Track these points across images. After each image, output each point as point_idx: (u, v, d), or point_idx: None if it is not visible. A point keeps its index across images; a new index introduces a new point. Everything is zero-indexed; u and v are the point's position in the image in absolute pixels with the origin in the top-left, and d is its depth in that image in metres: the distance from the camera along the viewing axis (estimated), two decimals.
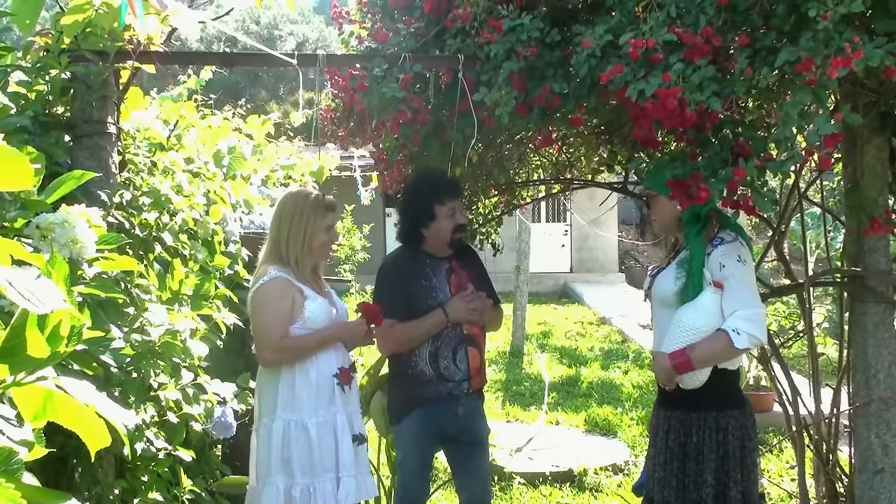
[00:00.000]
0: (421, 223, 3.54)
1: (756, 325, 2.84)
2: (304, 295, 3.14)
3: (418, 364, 3.50)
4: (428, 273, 3.55)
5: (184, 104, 4.30)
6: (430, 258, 3.58)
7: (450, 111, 3.24)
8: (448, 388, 3.48)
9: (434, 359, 3.49)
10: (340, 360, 3.22)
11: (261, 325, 3.10)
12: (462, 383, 3.50)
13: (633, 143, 3.50)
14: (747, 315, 2.84)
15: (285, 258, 3.18)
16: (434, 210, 3.51)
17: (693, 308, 2.91)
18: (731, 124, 2.58)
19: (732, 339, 2.81)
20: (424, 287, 3.52)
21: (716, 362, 2.93)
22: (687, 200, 2.68)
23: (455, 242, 3.57)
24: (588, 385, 9.13)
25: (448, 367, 3.49)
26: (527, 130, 3.70)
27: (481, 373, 3.62)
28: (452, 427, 3.53)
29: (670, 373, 2.94)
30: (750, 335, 2.82)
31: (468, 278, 3.60)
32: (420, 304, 3.49)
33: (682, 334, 2.91)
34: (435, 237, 3.55)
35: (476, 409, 3.62)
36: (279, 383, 3.12)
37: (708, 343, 2.87)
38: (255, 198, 4.42)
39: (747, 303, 2.86)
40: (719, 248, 2.94)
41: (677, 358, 2.90)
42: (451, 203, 3.52)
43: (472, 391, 3.56)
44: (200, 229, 3.68)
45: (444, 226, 3.52)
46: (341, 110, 3.63)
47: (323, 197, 3.28)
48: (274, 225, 3.24)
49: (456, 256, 3.63)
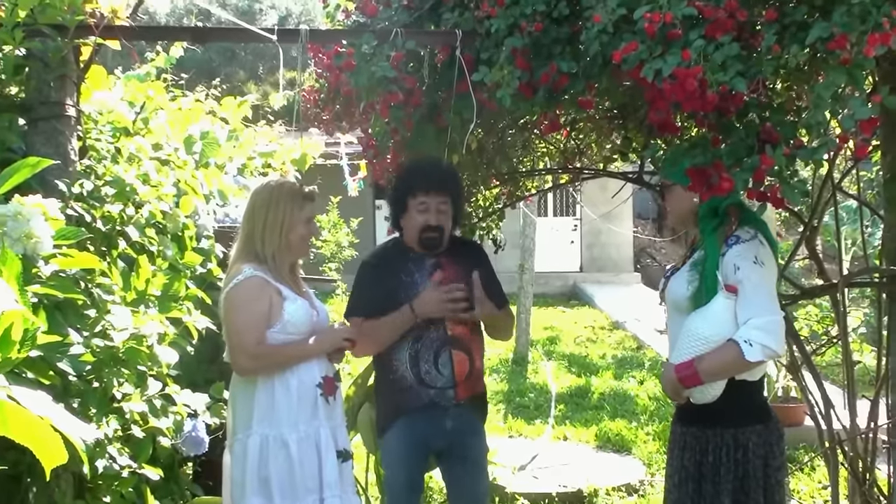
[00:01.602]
0: (399, 215, 3.55)
1: (771, 334, 2.80)
2: (282, 295, 3.14)
3: (398, 368, 3.49)
4: (409, 268, 3.53)
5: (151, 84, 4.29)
6: (414, 252, 3.57)
7: (446, 92, 3.24)
8: (430, 396, 3.45)
9: (414, 362, 3.46)
10: (324, 369, 3.21)
11: (235, 329, 3.10)
12: (446, 391, 3.46)
13: (648, 128, 3.50)
14: (761, 324, 2.80)
15: (261, 255, 3.17)
16: (406, 203, 3.50)
17: (703, 315, 2.89)
18: (758, 108, 2.58)
19: (743, 351, 2.78)
20: (403, 283, 3.50)
21: (726, 376, 2.91)
22: (708, 192, 2.67)
23: (424, 244, 3.51)
24: (599, 396, 9.14)
25: (429, 371, 3.46)
26: (531, 114, 3.70)
27: (472, 380, 3.55)
28: (440, 441, 3.50)
29: (677, 386, 2.93)
30: (764, 346, 2.78)
31: (457, 275, 3.55)
32: (395, 301, 3.46)
33: (690, 344, 2.90)
34: (408, 233, 3.54)
35: (469, 423, 3.56)
36: (255, 394, 3.12)
37: (717, 355, 2.84)
38: (230, 188, 4.42)
39: (762, 310, 2.82)
40: (734, 247, 2.91)
41: (684, 370, 2.89)
42: (423, 198, 3.46)
43: (464, 402, 3.51)
44: (169, 223, 3.68)
45: (411, 222, 3.50)
46: (326, 91, 3.63)
47: (300, 185, 3.28)
48: (247, 218, 3.23)
49: (449, 251, 3.59)
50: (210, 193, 4.23)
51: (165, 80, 4.72)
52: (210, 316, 3.65)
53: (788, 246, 4.48)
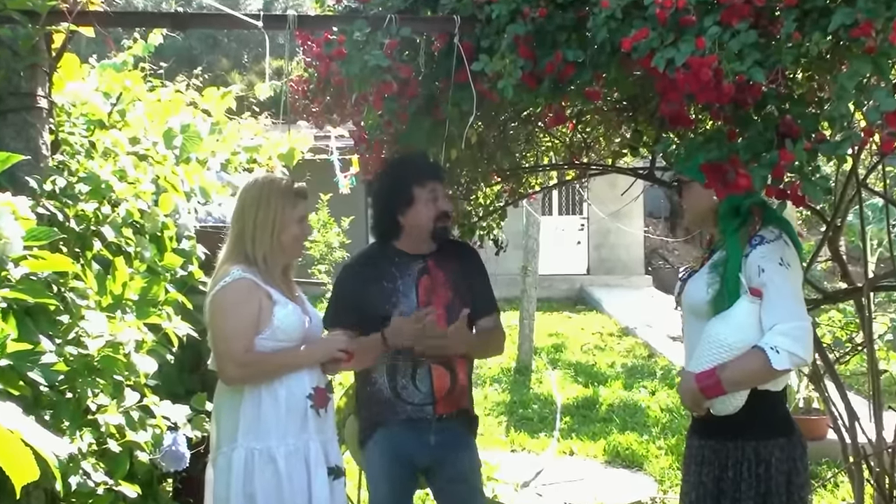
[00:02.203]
0: (397, 209, 3.52)
1: (799, 341, 2.80)
2: (272, 300, 3.14)
3: (377, 380, 3.51)
4: (393, 273, 3.53)
5: (128, 74, 4.29)
6: (400, 256, 3.56)
7: (444, 83, 3.24)
8: (407, 412, 3.46)
9: (392, 375, 3.48)
10: (315, 379, 3.21)
11: (221, 335, 3.10)
12: (424, 407, 3.47)
13: (660, 121, 3.51)
14: (788, 329, 2.79)
15: (251, 256, 3.18)
16: (412, 193, 3.49)
17: (725, 320, 2.88)
18: (777, 99, 2.58)
19: (770, 359, 2.77)
20: (385, 290, 3.50)
21: (750, 385, 2.90)
22: (724, 189, 2.68)
23: (439, 233, 3.55)
24: (608, 408, 9.14)
25: (406, 386, 3.47)
26: (535, 106, 3.70)
27: (454, 397, 3.54)
28: (424, 458, 3.49)
29: (697, 396, 2.92)
30: (791, 354, 2.77)
31: (445, 281, 3.56)
32: (375, 310, 3.46)
33: (712, 351, 2.89)
34: (414, 227, 3.53)
35: (456, 438, 3.55)
36: (241, 405, 3.11)
37: (741, 363, 2.83)
38: (212, 185, 4.42)
39: (789, 315, 2.82)
40: (759, 248, 2.90)
41: (705, 380, 2.88)
42: (432, 184, 3.50)
43: (449, 416, 3.51)
44: (148, 222, 3.67)
45: (424, 212, 3.50)
46: (315, 82, 3.63)
47: (293, 183, 3.28)
48: (236, 217, 3.24)
49: (436, 254, 3.59)
50: (191, 191, 4.23)
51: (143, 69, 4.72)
52: (191, 322, 3.65)
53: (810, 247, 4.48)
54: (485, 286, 3.70)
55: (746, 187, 2.61)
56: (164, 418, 3.33)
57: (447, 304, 3.54)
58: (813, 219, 7.62)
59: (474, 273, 3.70)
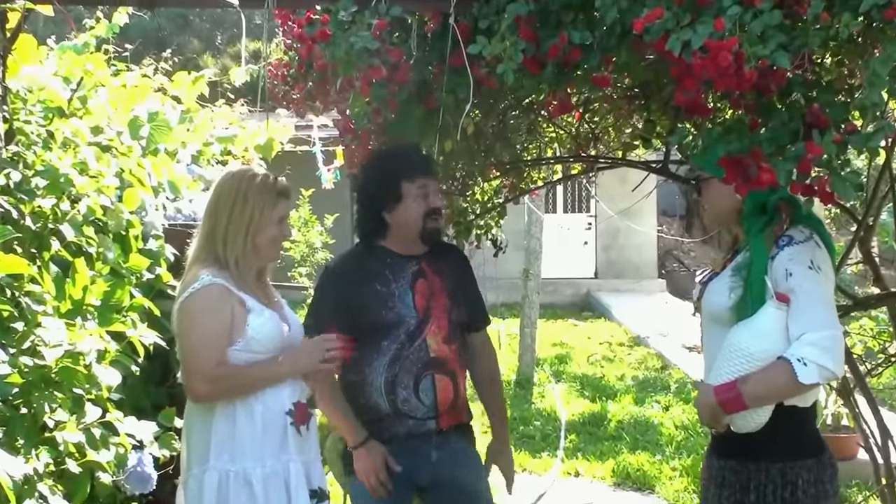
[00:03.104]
0: (384, 206, 3.54)
1: (829, 353, 2.77)
2: (246, 307, 3.14)
3: (371, 395, 3.50)
4: (386, 276, 3.54)
5: (90, 57, 4.28)
6: (391, 256, 3.58)
7: (438, 67, 3.25)
8: (408, 427, 3.48)
9: (391, 388, 3.47)
10: (295, 393, 3.21)
11: (190, 346, 3.09)
12: (427, 421, 3.50)
13: (675, 109, 3.50)
14: (817, 339, 2.77)
15: (222, 259, 3.17)
16: (401, 188, 3.51)
17: (748, 328, 2.88)
18: (803, 86, 2.59)
19: (796, 372, 2.75)
20: (379, 294, 3.51)
21: (775, 400, 2.89)
22: (745, 185, 2.68)
23: (429, 233, 3.56)
24: (617, 425, 9.15)
25: (408, 399, 3.47)
26: (538, 93, 3.70)
27: (456, 409, 3.59)
28: (425, 475, 3.51)
29: (716, 411, 2.91)
30: (820, 367, 2.75)
31: (443, 286, 3.59)
32: (370, 315, 3.48)
33: (733, 362, 2.88)
34: (402, 226, 3.55)
35: (459, 452, 3.59)
36: (213, 422, 3.11)
37: (765, 375, 2.82)
38: (183, 179, 4.42)
39: (819, 323, 2.80)
40: (787, 249, 2.91)
41: (725, 393, 2.86)
42: (423, 179, 3.52)
43: (451, 428, 3.55)
44: (111, 220, 3.67)
45: (413, 209, 3.52)
46: (296, 66, 3.63)
47: (273, 179, 3.28)
48: (208, 215, 3.24)
49: (429, 256, 3.62)
50: (159, 185, 4.23)
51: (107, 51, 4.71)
52: (159, 330, 3.65)
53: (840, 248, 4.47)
54: (477, 293, 3.77)
55: (770, 183, 2.61)
56: (129, 436, 3.33)
57: (447, 310, 3.57)
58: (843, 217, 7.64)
59: (466, 278, 3.75)
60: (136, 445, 3.39)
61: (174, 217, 4.35)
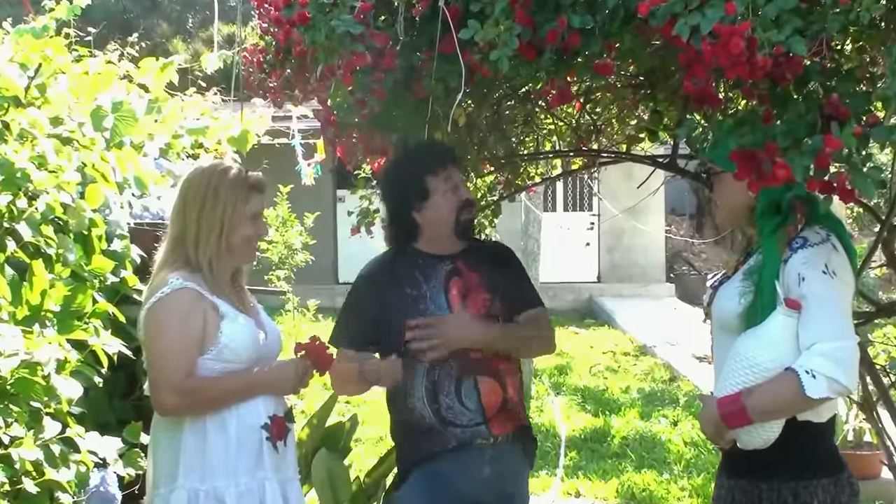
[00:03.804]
0: (412, 206, 3.57)
1: (840, 365, 2.75)
2: (219, 313, 3.14)
3: (415, 406, 3.50)
4: (417, 278, 3.57)
5: (50, 42, 4.28)
6: (423, 258, 3.61)
7: (427, 54, 3.25)
8: (457, 437, 3.47)
9: (433, 397, 3.48)
10: (271, 406, 3.21)
11: (158, 355, 3.09)
12: (477, 428, 3.48)
13: (683, 100, 3.52)
14: (829, 350, 2.76)
15: (194, 261, 3.18)
16: (426, 184, 3.53)
17: (756, 336, 2.87)
18: (821, 75, 2.60)
19: (803, 384, 2.73)
20: (409, 297, 3.53)
21: (782, 415, 2.88)
22: (758, 181, 2.68)
23: (463, 226, 3.60)
24: (621, 441, 9.16)
25: (451, 406, 3.47)
26: (535, 82, 3.71)
27: (508, 412, 3.59)
28: (473, 494, 3.50)
29: (719, 425, 2.91)
30: (830, 380, 2.73)
31: (480, 283, 3.60)
32: (399, 321, 3.49)
33: (739, 373, 2.87)
34: (434, 224, 3.58)
35: (512, 468, 3.61)
36: (182, 438, 3.11)
37: (770, 388, 2.81)
38: (150, 174, 4.41)
39: (831, 332, 2.79)
40: (800, 252, 2.90)
41: (728, 406, 2.86)
42: (448, 171, 3.56)
43: (506, 438, 3.55)
44: (72, 218, 3.67)
45: (443, 203, 3.55)
46: (273, 51, 3.63)
47: (244, 172, 3.28)
48: (176, 214, 3.24)
49: (465, 254, 3.64)
50: (124, 181, 4.22)
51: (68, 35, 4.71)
52: (124, 338, 3.64)
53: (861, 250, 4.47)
54: (524, 281, 3.78)
55: (785, 179, 2.60)
56: (91, 453, 3.32)
57: (485, 308, 3.58)
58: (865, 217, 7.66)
59: (514, 274, 3.76)
60: (98, 463, 3.38)
61: (141, 215, 4.35)
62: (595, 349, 14.43)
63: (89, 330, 3.46)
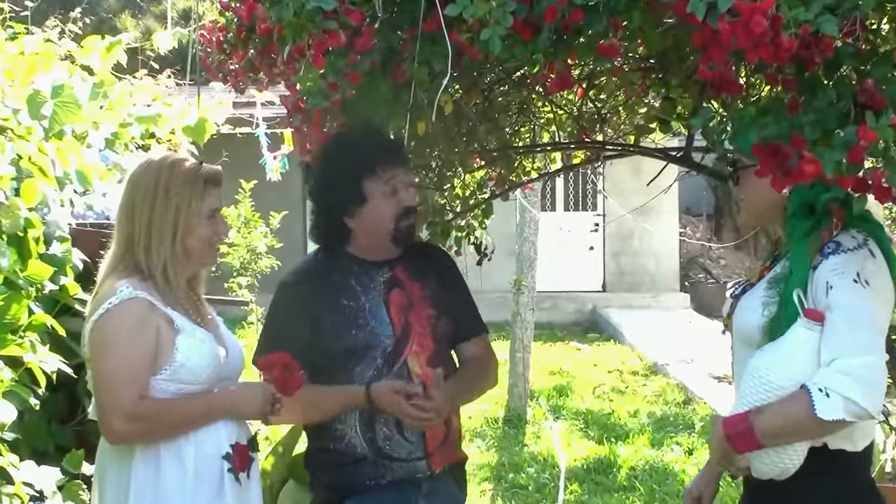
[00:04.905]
0: (344, 210, 3.54)
1: (861, 384, 2.70)
2: (175, 327, 3.13)
3: (344, 433, 3.49)
4: (353, 288, 3.55)
5: None
6: (358, 264, 3.59)
7: (408, 33, 3.26)
8: (393, 471, 3.47)
9: (368, 425, 3.46)
10: (233, 433, 3.21)
11: (106, 375, 3.08)
12: (416, 463, 3.49)
13: (699, 85, 3.54)
14: (849, 367, 2.71)
15: (144, 267, 3.17)
16: (363, 188, 3.50)
17: (774, 351, 2.85)
18: (854, 58, 2.61)
19: (814, 404, 2.68)
20: (347, 310, 3.52)
21: (795, 439, 2.84)
22: (782, 179, 2.69)
23: (402, 236, 3.55)
24: (629, 472, 9.17)
25: (390, 437, 3.46)
26: (532, 65, 3.73)
27: (448, 447, 3.60)
28: None
29: (727, 450, 2.90)
30: (846, 400, 2.67)
31: (423, 295, 3.60)
32: (338, 337, 3.49)
33: (751, 391, 2.86)
34: (368, 232, 3.55)
35: (449, 500, 3.63)
36: (133, 468, 3.11)
37: (780, 407, 2.78)
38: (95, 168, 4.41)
39: (855, 347, 2.74)
40: (832, 258, 2.87)
41: (734, 426, 2.85)
42: (391, 172, 3.52)
43: (445, 470, 3.56)
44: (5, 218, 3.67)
45: (380, 212, 3.51)
46: (235, 30, 3.64)
47: (198, 165, 3.28)
48: (124, 215, 3.23)
49: (403, 260, 3.63)
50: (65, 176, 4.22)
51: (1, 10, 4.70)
52: (64, 354, 3.64)
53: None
54: (468, 300, 3.77)
55: (814, 175, 2.60)
56: (27, 485, 3.32)
57: (430, 324, 3.58)
58: None
59: (453, 283, 3.76)
60: (34, 496, 3.39)
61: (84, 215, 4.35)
62: (599, 367, 14.44)
63: (24, 345, 3.46)
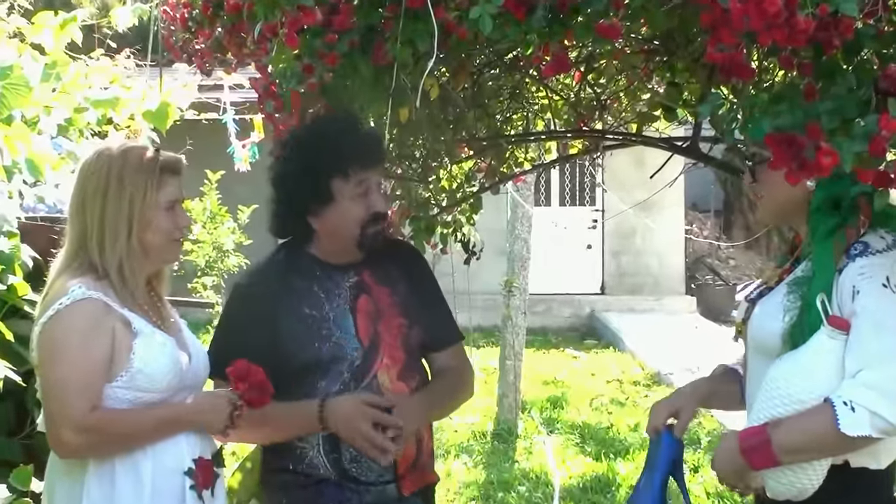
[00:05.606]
0: (308, 208, 3.52)
1: (889, 398, 2.70)
2: (132, 329, 3.13)
3: (305, 453, 3.50)
4: (317, 294, 3.55)
5: None
6: (321, 268, 3.59)
7: (391, 10, 3.26)
8: (360, 496, 3.47)
9: (332, 445, 3.46)
10: (196, 447, 3.21)
11: (57, 383, 3.08)
12: (385, 487, 3.50)
13: (707, 69, 3.54)
14: (876, 380, 2.71)
15: (98, 265, 3.16)
16: (331, 188, 3.48)
17: (793, 361, 2.84)
18: (875, 41, 2.62)
19: (838, 418, 2.68)
20: (309, 320, 3.51)
21: (816, 455, 2.84)
22: (798, 172, 2.69)
23: (368, 242, 3.54)
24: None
25: (356, 458, 3.45)
26: (525, 46, 3.73)
27: (421, 467, 3.61)
28: None
29: (740, 465, 2.89)
30: (873, 415, 2.68)
31: (392, 301, 3.61)
32: (301, 349, 3.49)
33: (771, 404, 2.85)
34: (332, 234, 3.55)
35: None
36: (85, 485, 3.10)
37: (800, 421, 2.78)
38: (46, 157, 4.40)
39: (882, 358, 2.74)
40: (859, 260, 2.86)
41: (751, 439, 2.85)
42: (364, 174, 3.50)
43: (416, 494, 3.56)
44: None
45: (347, 214, 3.50)
46: (201, 6, 3.63)
47: (154, 152, 3.27)
48: (76, 208, 3.22)
49: (370, 262, 3.62)
50: (14, 165, 4.22)
51: None
52: (12, 361, 3.64)
53: None
54: (441, 304, 3.78)
55: (832, 167, 2.60)
56: None
57: (401, 334, 3.58)
58: None
59: (424, 285, 3.77)
60: None
61: (34, 208, 4.35)
62: (597, 377, 14.46)
63: None
